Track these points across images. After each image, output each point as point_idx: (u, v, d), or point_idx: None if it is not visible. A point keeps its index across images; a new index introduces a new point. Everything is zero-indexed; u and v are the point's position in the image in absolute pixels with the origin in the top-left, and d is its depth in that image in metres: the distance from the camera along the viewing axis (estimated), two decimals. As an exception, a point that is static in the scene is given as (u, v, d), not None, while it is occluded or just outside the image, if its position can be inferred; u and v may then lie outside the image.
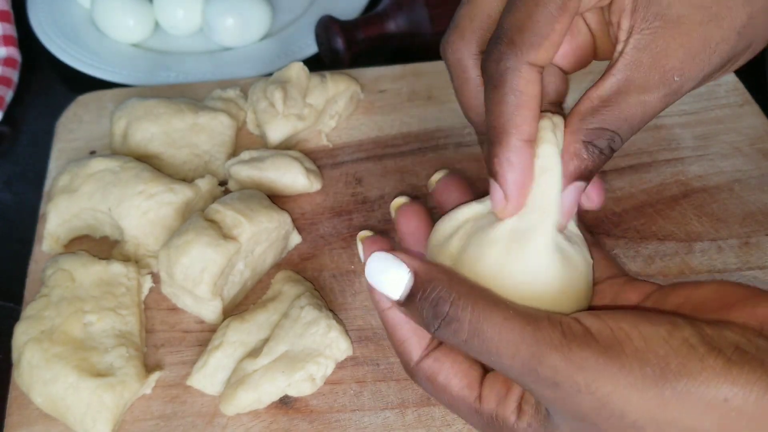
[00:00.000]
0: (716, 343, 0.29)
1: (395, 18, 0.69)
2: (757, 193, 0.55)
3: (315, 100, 0.59)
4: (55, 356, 0.45)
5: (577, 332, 0.30)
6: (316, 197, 0.57)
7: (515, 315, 0.31)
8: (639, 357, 0.29)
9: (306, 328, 0.46)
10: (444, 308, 0.32)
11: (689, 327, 0.30)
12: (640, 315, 0.31)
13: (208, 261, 0.47)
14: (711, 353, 0.28)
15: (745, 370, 0.28)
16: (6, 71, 0.71)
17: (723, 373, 0.28)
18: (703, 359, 0.28)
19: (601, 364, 0.29)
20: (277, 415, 0.45)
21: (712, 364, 0.28)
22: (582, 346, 0.29)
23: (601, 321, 0.30)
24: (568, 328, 0.30)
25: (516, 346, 0.30)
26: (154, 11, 0.75)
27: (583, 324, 0.30)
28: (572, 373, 0.29)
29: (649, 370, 0.28)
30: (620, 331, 0.30)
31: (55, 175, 0.56)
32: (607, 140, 0.34)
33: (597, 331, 0.30)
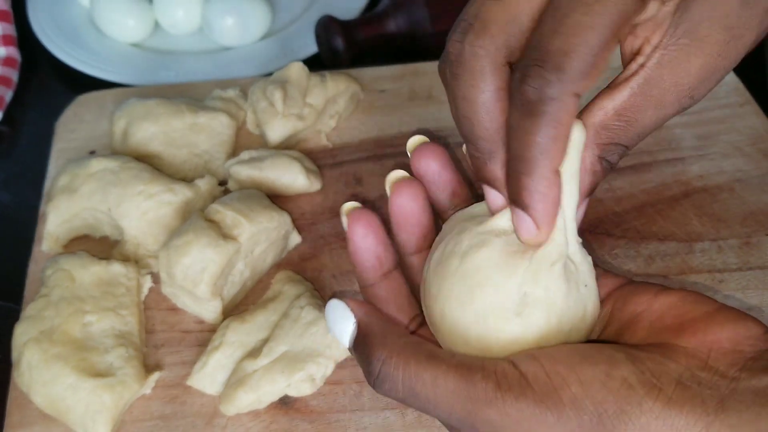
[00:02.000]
0: (657, 380, 0.28)
1: (395, 18, 0.69)
2: (758, 193, 0.55)
3: (315, 99, 0.59)
4: (55, 356, 0.45)
5: (513, 381, 0.29)
6: (316, 197, 0.57)
7: (448, 371, 0.30)
8: (576, 405, 0.28)
9: (306, 328, 0.46)
10: (376, 366, 0.32)
11: (629, 365, 0.29)
12: (578, 355, 0.30)
13: (208, 261, 0.47)
14: (650, 394, 0.28)
15: (684, 410, 0.27)
16: (6, 71, 0.71)
17: (662, 416, 0.27)
18: (641, 402, 0.28)
19: (537, 416, 0.28)
20: (277, 416, 0.45)
21: (650, 407, 0.28)
22: (518, 397, 0.29)
23: (538, 365, 0.30)
24: (503, 377, 0.29)
25: (451, 404, 0.30)
26: (154, 11, 0.75)
27: (520, 369, 0.30)
28: (509, 425, 0.29)
29: (586, 418, 0.28)
30: (557, 376, 0.29)
31: (55, 175, 0.56)
32: (619, 155, 0.33)
33: (533, 377, 0.29)
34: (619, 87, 0.32)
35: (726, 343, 0.30)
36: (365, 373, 0.33)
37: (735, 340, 0.30)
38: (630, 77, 0.32)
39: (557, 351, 0.31)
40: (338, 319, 0.34)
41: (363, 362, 0.33)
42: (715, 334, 0.30)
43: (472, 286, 0.32)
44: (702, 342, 0.30)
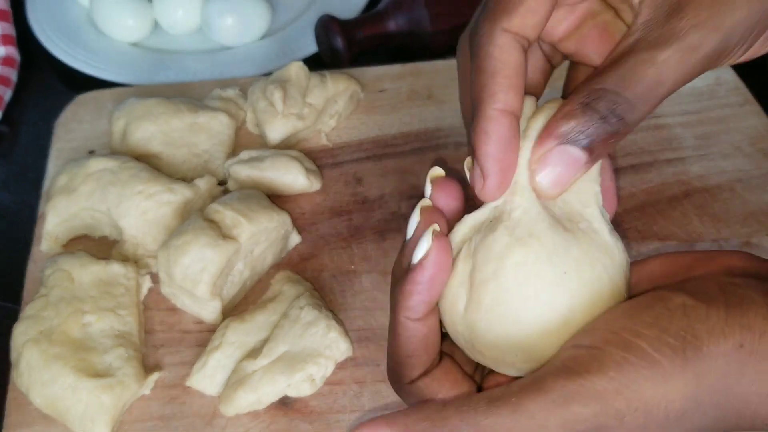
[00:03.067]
0: (707, 293, 0.29)
1: (395, 17, 0.69)
2: (759, 193, 0.55)
3: (315, 99, 0.59)
4: (54, 357, 0.45)
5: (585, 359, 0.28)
6: (316, 197, 0.57)
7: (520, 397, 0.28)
8: (658, 345, 0.28)
9: (306, 329, 0.46)
10: None
11: (677, 293, 0.29)
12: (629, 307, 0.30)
13: (207, 261, 0.47)
14: (711, 306, 0.28)
15: (743, 309, 0.28)
16: (5, 71, 0.71)
17: (730, 320, 0.28)
18: (708, 316, 0.28)
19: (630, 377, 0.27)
20: (276, 416, 0.45)
21: (716, 315, 0.28)
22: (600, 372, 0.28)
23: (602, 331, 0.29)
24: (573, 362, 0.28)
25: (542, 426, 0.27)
26: (154, 10, 0.75)
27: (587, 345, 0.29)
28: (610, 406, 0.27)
29: (671, 353, 0.28)
30: (626, 331, 0.28)
31: (54, 174, 0.56)
32: (609, 103, 0.30)
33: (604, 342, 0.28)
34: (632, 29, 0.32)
35: (737, 261, 0.31)
36: None
37: (742, 259, 0.31)
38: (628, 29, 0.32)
39: (609, 314, 0.30)
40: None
41: None
42: (723, 259, 0.31)
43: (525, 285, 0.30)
44: (715, 266, 0.31)
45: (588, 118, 0.30)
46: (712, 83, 0.62)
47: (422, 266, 0.31)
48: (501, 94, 0.31)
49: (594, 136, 0.30)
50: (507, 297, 0.31)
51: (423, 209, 0.33)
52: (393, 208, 0.56)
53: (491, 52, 0.31)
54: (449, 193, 0.34)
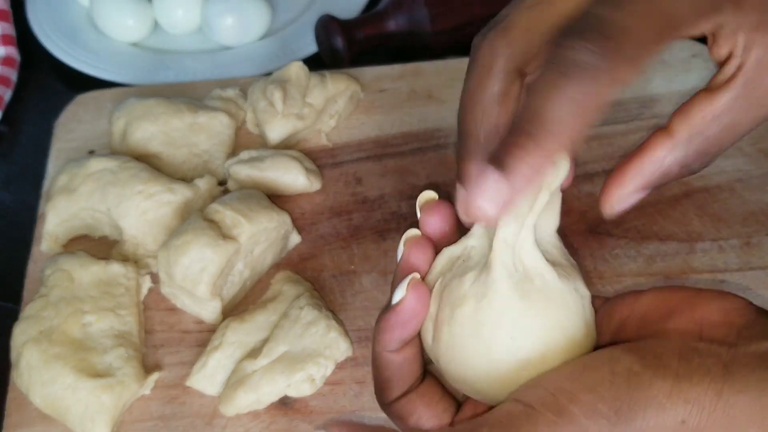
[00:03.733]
0: (660, 360, 0.28)
1: (395, 17, 0.69)
2: (759, 193, 0.55)
3: (315, 99, 0.59)
4: (54, 357, 0.45)
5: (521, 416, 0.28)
6: (316, 197, 0.57)
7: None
8: (590, 412, 0.27)
9: (306, 329, 0.46)
10: None
11: (628, 355, 0.28)
12: (578, 365, 0.29)
13: (207, 261, 0.47)
14: (657, 374, 0.27)
15: (694, 381, 0.27)
16: (5, 70, 0.71)
17: (674, 391, 0.27)
18: (651, 384, 0.27)
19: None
20: (276, 416, 0.45)
21: (661, 385, 0.27)
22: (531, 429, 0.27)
23: (541, 390, 0.29)
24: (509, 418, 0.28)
25: None
26: (154, 10, 0.75)
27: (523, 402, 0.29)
28: None
29: (603, 421, 0.27)
30: (563, 393, 0.28)
31: (54, 174, 0.56)
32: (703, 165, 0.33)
33: (540, 403, 0.28)
34: (720, 89, 0.31)
35: (715, 315, 0.30)
36: None
37: (723, 312, 0.30)
38: (730, 79, 0.31)
39: (557, 371, 0.30)
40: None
41: None
42: (703, 310, 0.30)
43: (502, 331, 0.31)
44: (691, 319, 0.30)
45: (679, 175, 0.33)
46: (712, 83, 0.62)
47: (396, 311, 0.32)
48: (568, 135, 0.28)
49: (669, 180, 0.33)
50: (459, 342, 0.32)
51: (407, 241, 0.34)
52: (393, 208, 0.56)
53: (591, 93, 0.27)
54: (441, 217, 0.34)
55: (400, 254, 0.34)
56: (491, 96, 0.32)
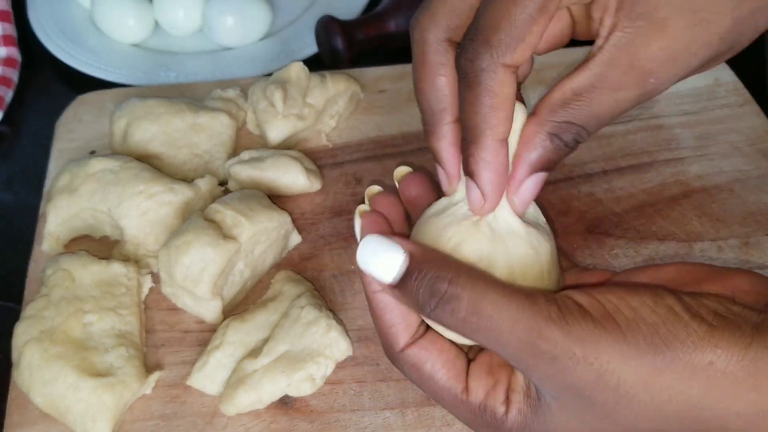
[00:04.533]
0: (697, 310, 0.30)
1: (395, 18, 0.69)
2: (757, 193, 0.55)
3: (315, 99, 0.59)
4: (55, 356, 0.45)
5: (572, 308, 0.31)
6: (316, 197, 0.57)
7: (513, 292, 0.31)
8: (631, 327, 0.30)
9: (306, 328, 0.46)
10: (442, 286, 0.31)
11: (671, 296, 0.31)
12: (625, 288, 0.32)
13: (208, 261, 0.47)
14: (694, 320, 0.30)
15: (725, 334, 0.29)
16: (6, 71, 0.71)
17: (707, 337, 0.29)
18: (687, 326, 0.30)
19: (597, 336, 0.30)
20: (277, 415, 0.45)
21: (696, 329, 0.30)
22: (578, 320, 0.30)
23: (590, 296, 0.31)
24: (563, 304, 0.31)
25: (515, 322, 0.30)
26: (154, 11, 0.75)
27: (575, 300, 0.31)
28: (571, 345, 0.30)
29: (641, 338, 0.30)
30: (609, 303, 0.31)
31: (55, 174, 0.56)
32: (574, 134, 0.34)
33: (589, 305, 0.31)
34: (579, 68, 0.34)
35: (746, 286, 0.32)
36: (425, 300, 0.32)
37: (753, 284, 0.32)
38: (589, 59, 0.33)
39: (602, 287, 0.32)
40: (382, 251, 0.33)
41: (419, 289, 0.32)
42: (734, 280, 0.33)
43: None
44: (724, 287, 0.32)
45: (555, 148, 0.34)
46: (711, 84, 0.62)
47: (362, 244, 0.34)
48: (501, 126, 0.34)
49: (556, 159, 0.35)
50: None
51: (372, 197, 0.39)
52: (393, 208, 0.56)
53: (491, 87, 0.33)
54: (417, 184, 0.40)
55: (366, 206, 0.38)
56: (430, 71, 0.36)
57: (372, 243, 0.33)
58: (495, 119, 0.34)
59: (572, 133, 0.34)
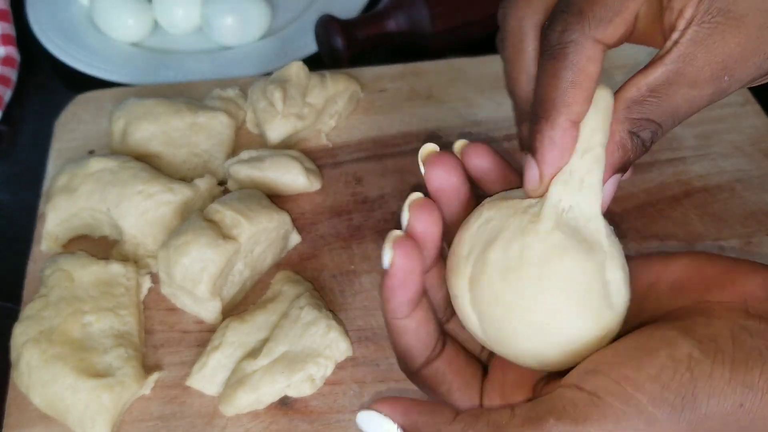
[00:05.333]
0: (716, 345, 0.29)
1: (395, 17, 0.69)
2: (759, 192, 0.55)
3: (315, 99, 0.59)
4: (54, 357, 0.45)
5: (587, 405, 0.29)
6: (316, 197, 0.57)
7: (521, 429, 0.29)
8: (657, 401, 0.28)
9: (305, 329, 0.46)
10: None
11: (686, 340, 0.29)
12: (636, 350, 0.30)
13: (207, 261, 0.47)
14: (716, 361, 0.28)
15: (749, 366, 0.28)
16: (5, 70, 0.71)
17: (733, 377, 0.28)
18: (712, 373, 0.28)
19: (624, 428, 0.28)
20: (276, 416, 0.45)
21: (721, 373, 0.28)
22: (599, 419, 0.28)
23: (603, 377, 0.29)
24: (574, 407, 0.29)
25: None
26: (154, 10, 0.75)
27: (587, 390, 0.29)
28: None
29: (669, 408, 0.28)
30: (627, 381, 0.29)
31: (54, 174, 0.55)
32: (651, 133, 0.32)
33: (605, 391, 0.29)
34: (654, 64, 0.32)
35: (758, 290, 0.30)
36: None
37: (765, 287, 0.30)
38: (664, 54, 0.32)
39: (613, 355, 0.30)
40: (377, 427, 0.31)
41: None
42: (744, 284, 0.31)
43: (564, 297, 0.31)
44: (734, 293, 0.30)
45: (634, 147, 0.33)
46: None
47: (389, 275, 0.32)
48: (576, 106, 0.32)
49: (634, 159, 0.33)
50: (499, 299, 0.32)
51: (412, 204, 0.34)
52: (393, 208, 0.56)
53: (577, 62, 0.31)
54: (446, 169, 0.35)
55: (404, 221, 0.34)
56: (528, 58, 0.35)
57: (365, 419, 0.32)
58: (573, 97, 0.31)
59: (650, 131, 0.32)
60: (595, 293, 0.31)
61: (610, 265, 0.32)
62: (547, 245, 0.31)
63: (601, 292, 0.31)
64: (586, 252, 0.31)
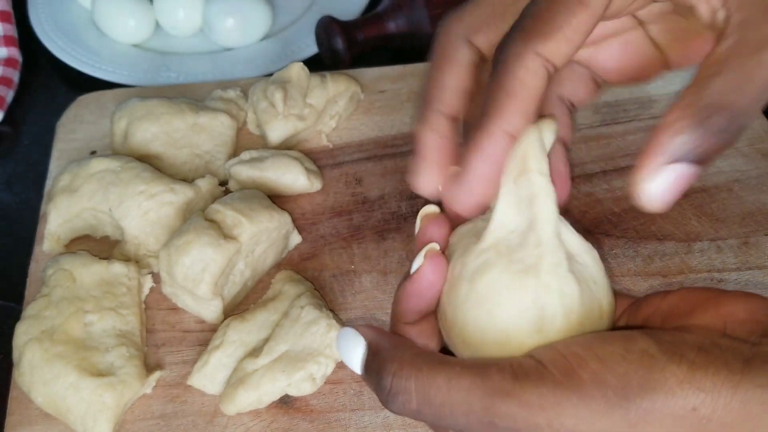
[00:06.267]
0: (677, 348, 0.27)
1: (395, 18, 0.69)
2: (756, 193, 0.55)
3: (315, 100, 0.59)
4: (56, 356, 0.45)
5: (530, 369, 0.28)
6: (316, 197, 0.57)
7: (461, 372, 0.29)
8: (598, 380, 0.27)
9: (306, 328, 0.46)
10: (387, 382, 0.30)
11: (645, 337, 0.28)
12: (594, 336, 0.29)
13: (209, 261, 0.47)
14: (672, 360, 0.27)
15: (710, 372, 0.26)
16: (7, 71, 0.71)
17: (687, 379, 0.26)
18: (664, 369, 0.27)
19: (559, 398, 0.27)
20: (277, 415, 0.45)
21: (674, 371, 0.27)
22: (536, 383, 0.28)
23: (553, 350, 0.29)
24: (519, 368, 0.28)
25: (468, 404, 0.28)
26: (155, 12, 0.75)
27: (536, 358, 0.29)
28: (530, 415, 0.27)
29: (610, 392, 0.27)
30: (574, 357, 0.28)
31: (56, 175, 0.56)
32: (724, 120, 0.29)
33: (550, 361, 0.28)
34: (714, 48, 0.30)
35: (741, 314, 0.29)
36: (378, 394, 0.31)
37: (749, 311, 0.29)
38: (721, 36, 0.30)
39: (573, 338, 0.30)
40: (349, 345, 0.32)
41: (375, 382, 0.31)
42: (728, 307, 0.29)
43: (488, 310, 0.31)
44: (716, 315, 0.29)
45: (702, 135, 0.29)
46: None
47: (413, 279, 0.33)
48: (513, 118, 0.31)
49: (707, 151, 0.30)
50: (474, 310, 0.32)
51: (425, 217, 0.35)
52: (393, 208, 0.56)
53: (516, 73, 0.31)
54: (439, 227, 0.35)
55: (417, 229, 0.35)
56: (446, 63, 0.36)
57: (343, 335, 0.33)
58: (509, 108, 0.31)
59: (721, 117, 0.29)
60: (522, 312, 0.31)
61: (544, 292, 0.31)
62: (479, 262, 0.31)
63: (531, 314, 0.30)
64: (516, 272, 0.31)
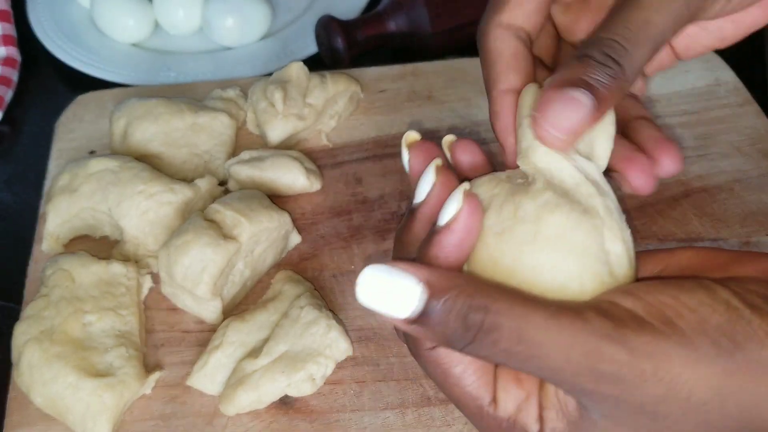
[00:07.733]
0: (751, 299, 0.28)
1: (395, 18, 0.69)
2: (758, 193, 0.55)
3: (315, 99, 0.59)
4: (55, 356, 0.45)
5: (626, 318, 0.27)
6: (316, 197, 0.57)
7: (559, 312, 0.27)
8: (697, 332, 0.27)
9: (306, 328, 0.46)
10: (477, 317, 0.27)
11: (724, 289, 0.28)
12: (674, 286, 0.29)
13: (208, 261, 0.47)
14: (754, 312, 0.28)
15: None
16: (6, 71, 0.71)
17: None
18: (750, 321, 0.27)
19: (664, 348, 0.27)
20: (277, 415, 0.45)
21: (759, 324, 0.27)
22: (637, 331, 0.27)
23: (640, 300, 0.28)
24: (615, 315, 0.27)
25: (568, 347, 0.27)
26: (154, 11, 0.75)
27: (625, 307, 0.28)
28: (638, 362, 0.27)
29: (709, 343, 0.27)
30: (666, 306, 0.28)
31: (55, 174, 0.56)
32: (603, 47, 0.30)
33: (644, 311, 0.27)
34: None
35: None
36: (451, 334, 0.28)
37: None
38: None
39: (646, 285, 0.29)
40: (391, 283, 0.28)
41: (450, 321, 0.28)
42: (757, 264, 0.30)
43: (563, 250, 0.29)
44: (756, 270, 0.30)
45: (585, 65, 0.30)
46: (712, 83, 0.62)
47: (451, 229, 0.30)
48: (502, 76, 0.35)
49: (594, 81, 0.30)
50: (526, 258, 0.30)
51: (411, 145, 0.35)
52: (393, 208, 0.56)
53: (489, 46, 0.36)
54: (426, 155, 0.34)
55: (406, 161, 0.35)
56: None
57: (377, 274, 0.28)
58: (494, 73, 0.35)
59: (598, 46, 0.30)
60: (593, 255, 0.29)
61: (608, 235, 0.30)
62: (539, 203, 0.30)
63: (601, 257, 0.30)
64: (579, 212, 0.30)
